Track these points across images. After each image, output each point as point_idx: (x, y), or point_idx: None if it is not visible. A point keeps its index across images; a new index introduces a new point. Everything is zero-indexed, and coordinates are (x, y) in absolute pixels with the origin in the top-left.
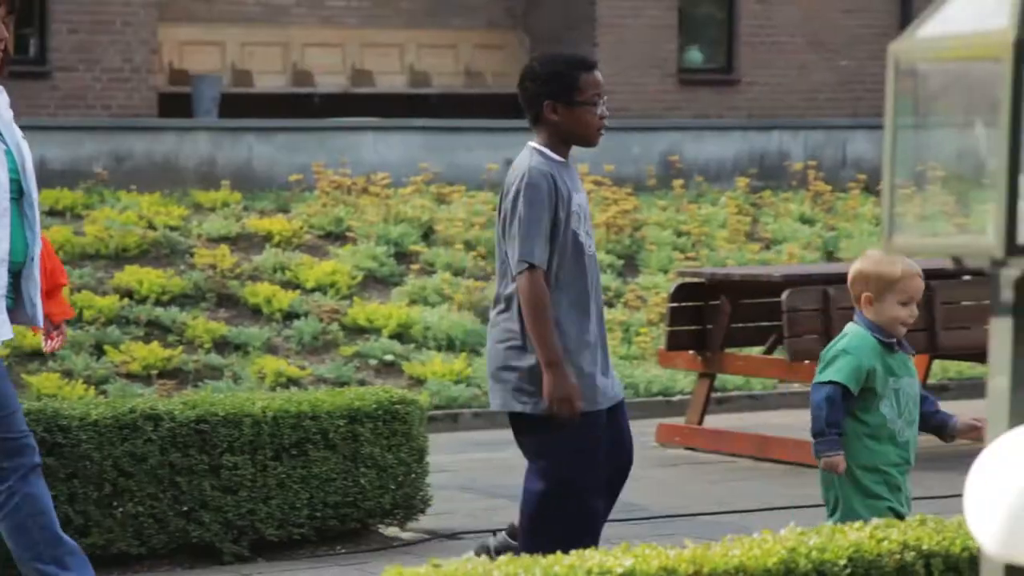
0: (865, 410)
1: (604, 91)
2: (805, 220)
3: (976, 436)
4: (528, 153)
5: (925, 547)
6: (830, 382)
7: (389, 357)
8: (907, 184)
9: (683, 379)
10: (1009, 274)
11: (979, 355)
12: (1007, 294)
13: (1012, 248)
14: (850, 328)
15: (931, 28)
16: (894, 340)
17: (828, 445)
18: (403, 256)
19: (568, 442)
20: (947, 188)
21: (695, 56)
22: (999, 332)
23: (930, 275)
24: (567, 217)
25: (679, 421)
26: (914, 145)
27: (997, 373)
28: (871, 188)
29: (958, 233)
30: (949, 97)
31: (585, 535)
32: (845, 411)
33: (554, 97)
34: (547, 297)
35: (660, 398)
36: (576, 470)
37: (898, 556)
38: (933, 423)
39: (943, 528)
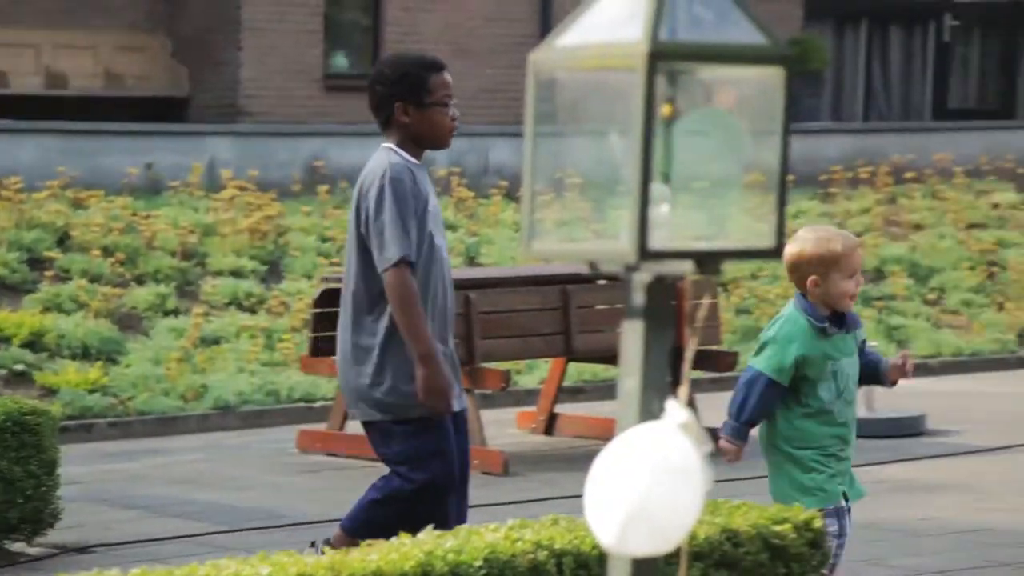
0: (803, 393)
1: (454, 92)
2: (448, 226)
3: (901, 373)
4: (384, 154)
5: (557, 546)
6: (754, 369)
7: (20, 367)
8: (546, 191)
9: (326, 385)
10: (641, 278)
11: (612, 357)
12: (639, 298)
13: (644, 253)
14: (786, 312)
15: (569, 37)
16: (826, 324)
17: (729, 429)
18: (37, 262)
19: (427, 445)
20: (584, 195)
21: (341, 62)
22: (631, 335)
23: (565, 280)
24: (423, 218)
25: (321, 427)
26: (553, 152)
27: (628, 375)
28: (512, 195)
29: (594, 239)
30: (586, 106)
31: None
32: (780, 394)
33: (404, 99)
34: (417, 292)
35: (301, 404)
36: (434, 471)
37: (531, 556)
38: (871, 370)
39: (575, 527)
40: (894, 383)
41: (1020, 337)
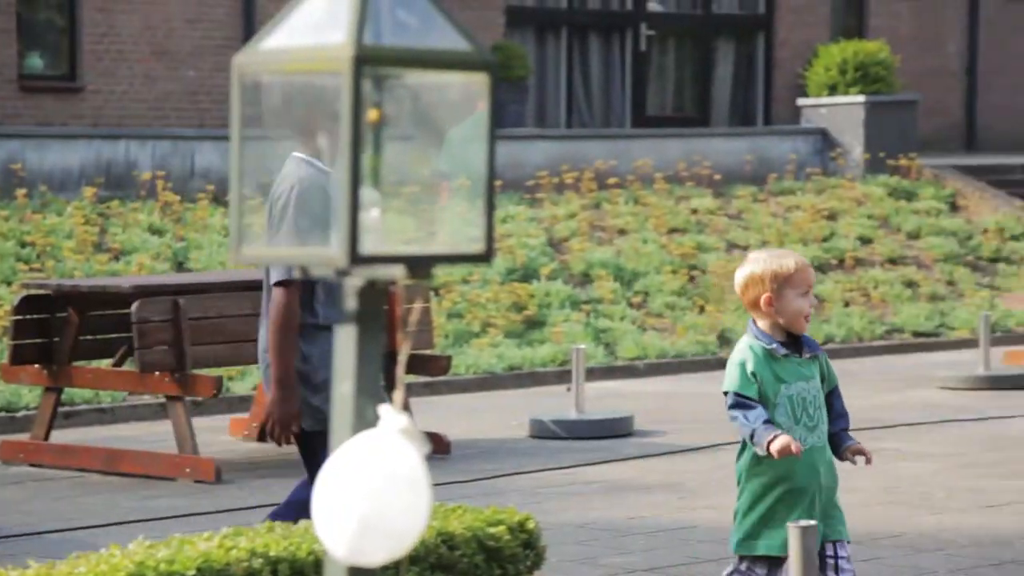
0: None
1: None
2: (155, 230)
3: (860, 457)
4: (296, 163)
5: (272, 553)
6: (727, 392)
7: None
8: (254, 195)
9: (28, 394)
10: (352, 283)
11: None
12: (351, 303)
13: (355, 258)
14: (739, 343)
15: (273, 40)
16: (775, 344)
17: (765, 432)
18: None
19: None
20: None
21: (35, 62)
22: (344, 340)
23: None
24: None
25: (23, 437)
26: (260, 157)
27: (342, 380)
28: (220, 199)
29: (305, 243)
30: (293, 110)
31: None
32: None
33: None
34: (295, 315)
35: (3, 414)
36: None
37: (246, 564)
38: (833, 440)
39: (290, 534)
40: (845, 459)
41: (720, 339)
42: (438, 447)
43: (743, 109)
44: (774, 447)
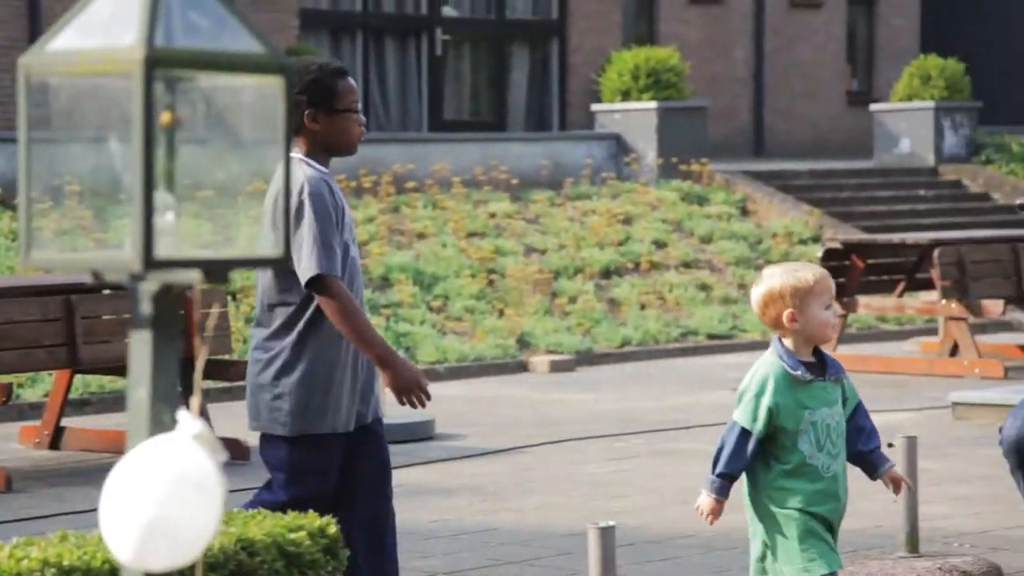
0: (782, 448)
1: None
2: None
3: (897, 487)
4: (297, 166)
5: (66, 563)
6: (733, 422)
7: None
8: (44, 199)
9: None
10: (147, 288)
11: (121, 368)
12: (146, 307)
13: (149, 262)
14: (762, 361)
15: (62, 42)
16: (800, 370)
17: (709, 484)
18: None
19: (308, 462)
20: (85, 203)
21: None
22: (139, 345)
23: (69, 289)
24: (341, 228)
25: None
26: (50, 159)
27: (137, 386)
28: (8, 202)
29: (97, 248)
30: (84, 111)
31: None
32: (759, 452)
33: (315, 105)
34: (353, 299)
35: None
36: (308, 488)
37: (38, 574)
38: (867, 460)
39: (84, 543)
40: (877, 479)
41: (519, 342)
42: (236, 453)
43: (539, 114)
44: (702, 503)
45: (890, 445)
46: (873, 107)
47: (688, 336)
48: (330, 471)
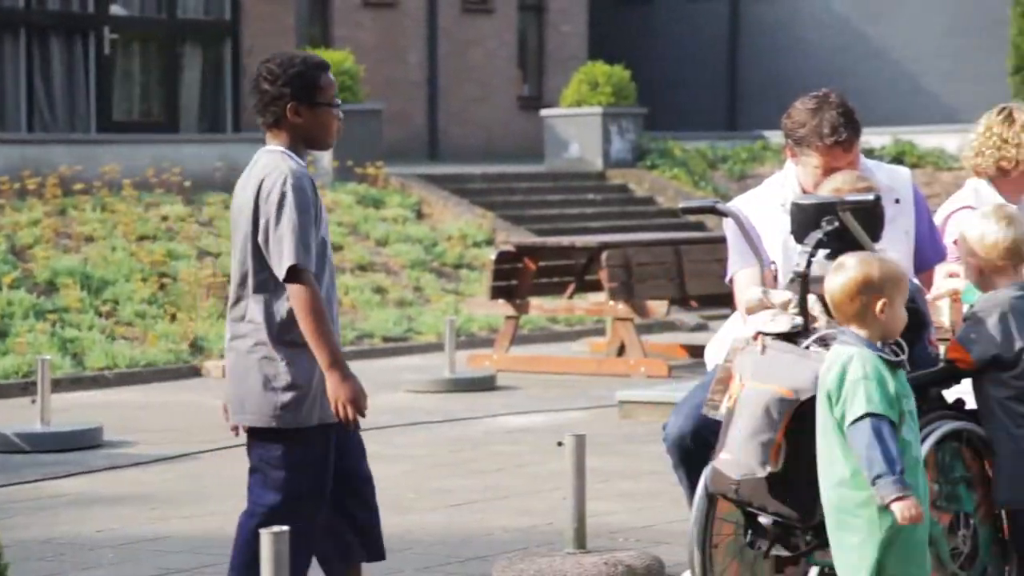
0: None
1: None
2: None
3: None
4: (278, 156)
5: None
6: (867, 415)
7: None
8: None
9: None
10: None
11: None
12: None
13: None
14: (848, 351)
15: None
16: (900, 358)
17: (898, 486)
18: None
19: (305, 455)
20: None
21: None
22: None
23: None
24: (319, 224)
25: None
26: None
27: None
28: None
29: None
30: None
31: (307, 546)
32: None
33: (297, 98)
34: (320, 298)
35: None
36: (308, 482)
37: None
38: None
39: None
40: None
41: (192, 347)
42: None
43: (212, 115)
44: (901, 510)
45: (559, 444)
46: (544, 112)
47: (364, 339)
48: (328, 463)
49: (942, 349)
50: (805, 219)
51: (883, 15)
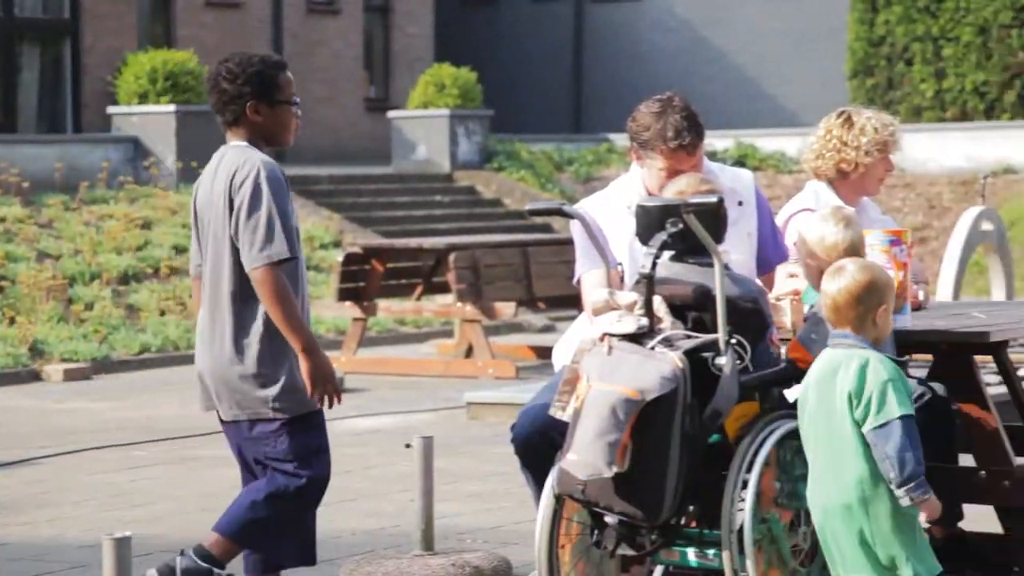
0: None
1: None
2: None
3: None
4: (246, 149)
5: None
6: (900, 417)
7: None
8: None
9: None
10: None
11: None
12: None
13: None
14: (862, 354)
15: None
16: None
17: (927, 486)
18: None
19: (311, 442)
20: None
21: None
22: None
23: None
24: (290, 214)
25: None
26: None
27: None
28: None
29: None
30: None
31: (298, 532)
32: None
33: (257, 97)
34: (289, 287)
35: None
36: (320, 468)
37: None
38: None
39: None
40: None
41: (32, 350)
42: None
43: (51, 116)
44: (931, 510)
45: (407, 446)
46: (391, 114)
47: None
48: (328, 449)
49: (783, 349)
50: (649, 221)
51: (724, 20)
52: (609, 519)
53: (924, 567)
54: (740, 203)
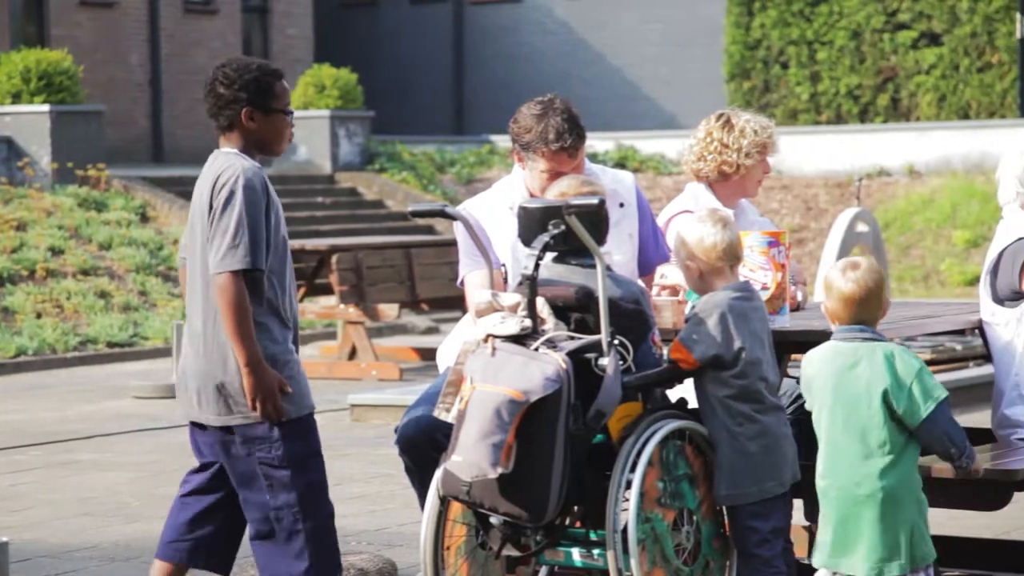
0: None
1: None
2: None
3: None
4: (233, 156)
5: None
6: (943, 398)
7: None
8: None
9: None
10: None
11: None
12: None
13: None
14: (886, 346)
15: None
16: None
17: (972, 454)
18: None
19: (307, 446)
20: None
21: None
22: None
23: None
24: (277, 221)
25: None
26: None
27: None
28: None
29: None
30: None
31: (332, 535)
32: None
33: (252, 104)
34: (247, 298)
35: None
36: (318, 472)
37: None
38: None
39: None
40: None
41: None
42: None
43: None
44: (978, 466)
45: None
46: None
47: (87, 344)
48: (321, 452)
49: (666, 350)
50: (531, 222)
51: (604, 22)
52: (494, 520)
53: (927, 551)
54: (622, 205)
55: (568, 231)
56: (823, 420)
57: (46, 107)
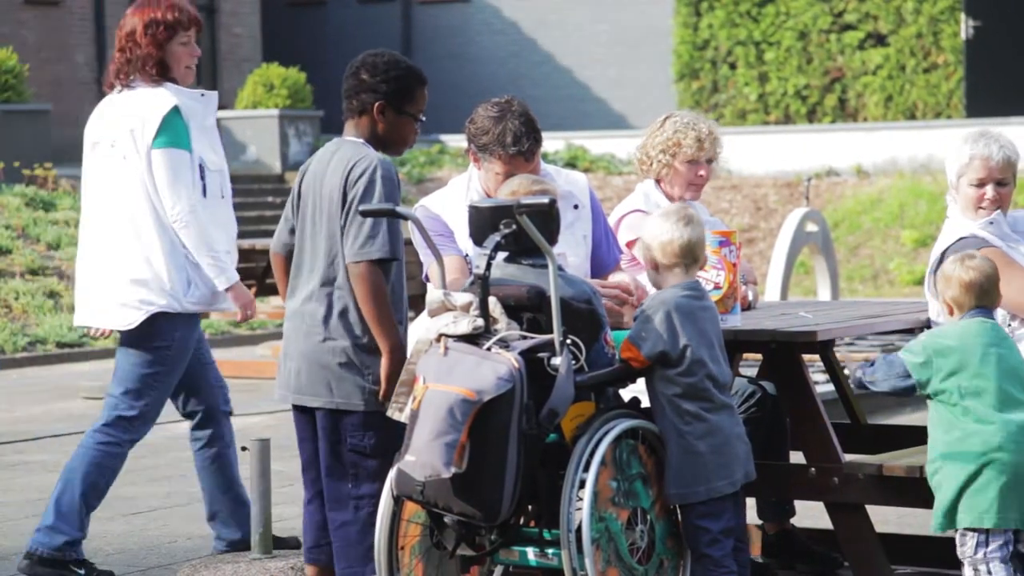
0: None
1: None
2: None
3: None
4: (362, 146)
5: None
6: None
7: None
8: None
9: None
10: None
11: None
12: None
13: None
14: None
15: None
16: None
17: None
18: None
19: (389, 440)
20: None
21: None
22: None
23: None
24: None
25: None
26: None
27: None
28: None
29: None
30: None
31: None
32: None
33: (388, 99)
34: (386, 289)
35: None
36: (387, 469)
37: None
38: None
39: None
40: None
41: None
42: None
43: None
44: None
45: (243, 449)
46: (219, 114)
47: (36, 345)
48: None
49: (617, 349)
50: (483, 222)
51: (552, 22)
52: (448, 520)
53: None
54: (576, 206)
55: (519, 230)
56: (980, 389)
57: None
